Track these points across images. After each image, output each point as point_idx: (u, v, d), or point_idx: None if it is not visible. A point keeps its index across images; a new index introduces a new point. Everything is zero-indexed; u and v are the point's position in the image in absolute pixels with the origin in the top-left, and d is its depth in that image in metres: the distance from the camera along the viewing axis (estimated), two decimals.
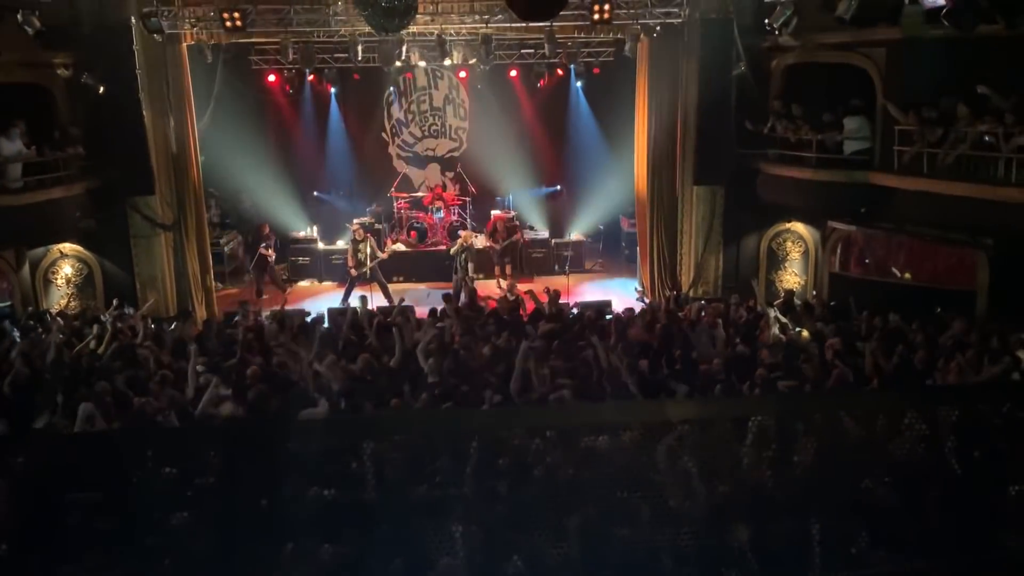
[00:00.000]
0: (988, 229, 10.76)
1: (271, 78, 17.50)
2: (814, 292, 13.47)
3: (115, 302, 11.93)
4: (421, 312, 11.37)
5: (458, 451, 3.64)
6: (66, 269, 13.52)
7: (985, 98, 10.66)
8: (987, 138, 10.59)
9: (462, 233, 15.29)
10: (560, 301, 11.43)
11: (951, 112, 11.11)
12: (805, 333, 9.65)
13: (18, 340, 9.69)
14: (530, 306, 11.19)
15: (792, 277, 14.26)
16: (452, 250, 14.95)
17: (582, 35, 14.53)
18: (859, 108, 12.41)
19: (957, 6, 9.51)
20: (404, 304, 11.46)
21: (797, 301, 11.66)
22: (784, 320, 10.11)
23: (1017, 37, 9.56)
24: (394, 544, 3.52)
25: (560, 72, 18.07)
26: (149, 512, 3.47)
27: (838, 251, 13.74)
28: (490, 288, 15.90)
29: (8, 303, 13.01)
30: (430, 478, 3.63)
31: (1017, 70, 10.56)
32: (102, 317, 11.13)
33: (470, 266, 14.84)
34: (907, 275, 13.00)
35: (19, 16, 11.38)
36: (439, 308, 10.86)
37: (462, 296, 14.37)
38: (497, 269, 16.27)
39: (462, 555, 3.56)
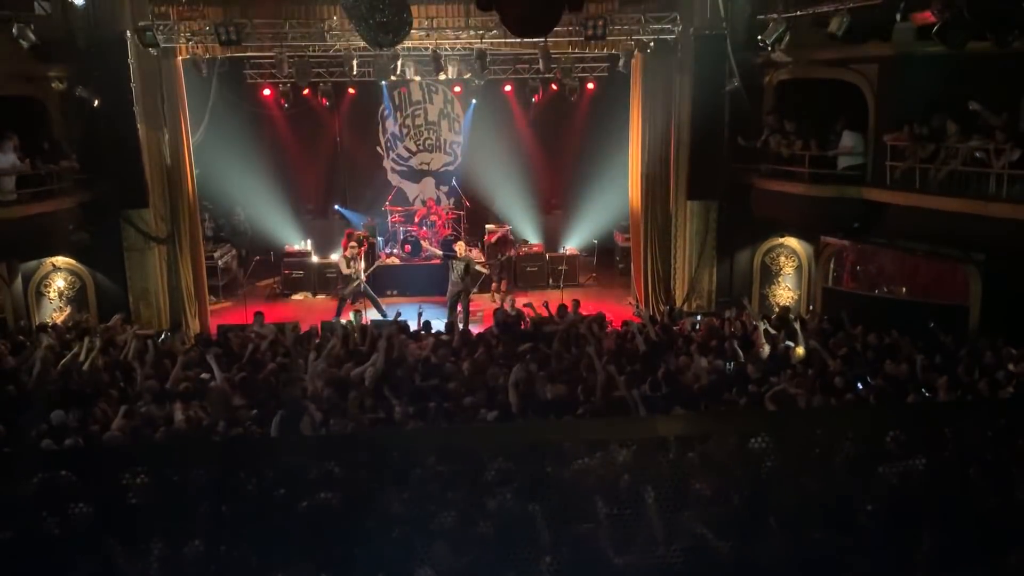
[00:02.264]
0: (980, 244, 10.83)
1: (266, 92, 17.53)
2: (811, 307, 13.43)
3: (116, 318, 11.92)
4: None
5: (445, 467, 3.62)
6: (59, 282, 13.46)
7: (976, 115, 10.74)
8: (978, 154, 10.66)
9: (456, 245, 15.26)
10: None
11: (942, 128, 11.19)
12: (800, 350, 9.62)
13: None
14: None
15: (785, 292, 14.28)
16: (460, 252, 14.72)
17: (576, 51, 14.61)
18: (855, 123, 12.48)
19: (948, 23, 9.57)
20: (400, 319, 11.45)
21: (792, 317, 11.60)
22: (774, 333, 10.11)
23: (1007, 55, 9.63)
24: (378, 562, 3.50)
25: (554, 87, 18.13)
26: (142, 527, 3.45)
27: (831, 266, 13.77)
28: (483, 302, 15.95)
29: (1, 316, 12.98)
30: (414, 493, 3.61)
31: (1007, 87, 10.65)
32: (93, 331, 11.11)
33: (468, 279, 14.69)
34: (903, 289, 13.02)
35: (14, 29, 11.39)
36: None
37: (458, 309, 14.38)
38: (494, 284, 16.31)
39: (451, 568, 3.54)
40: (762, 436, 3.28)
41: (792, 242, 14.19)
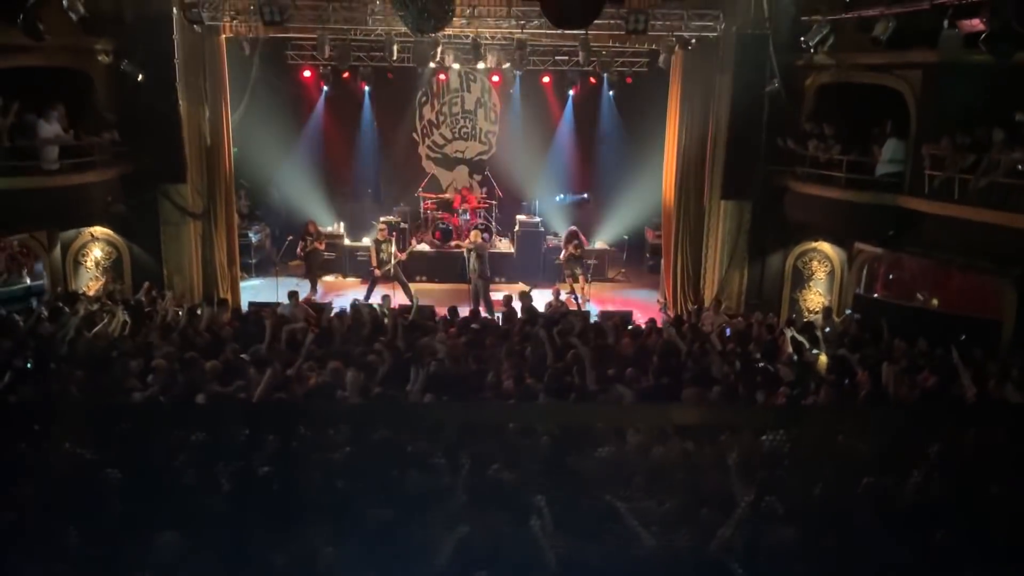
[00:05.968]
0: (1017, 259, 10.63)
1: (306, 73, 17.69)
2: (857, 316, 12.97)
3: (146, 285, 12.20)
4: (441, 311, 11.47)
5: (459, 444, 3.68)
6: (96, 252, 13.72)
7: (1019, 126, 10.54)
8: (1021, 167, 10.47)
9: (471, 233, 15.31)
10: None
11: (984, 138, 10.99)
12: (823, 358, 9.53)
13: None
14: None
15: (817, 297, 14.14)
16: (466, 243, 14.84)
17: (616, 44, 14.56)
18: (896, 131, 12.31)
19: (995, 32, 9.41)
20: (421, 304, 11.55)
21: (817, 331, 11.23)
22: (801, 340, 10.02)
23: None
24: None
25: (592, 80, 18.12)
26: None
27: (864, 273, 13.62)
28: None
29: (40, 282, 13.26)
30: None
31: None
32: (129, 300, 11.36)
33: (484, 268, 14.70)
34: (935, 301, 12.83)
35: (64, 1, 11.58)
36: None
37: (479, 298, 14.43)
38: (569, 280, 16.02)
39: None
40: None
41: (825, 247, 14.04)
